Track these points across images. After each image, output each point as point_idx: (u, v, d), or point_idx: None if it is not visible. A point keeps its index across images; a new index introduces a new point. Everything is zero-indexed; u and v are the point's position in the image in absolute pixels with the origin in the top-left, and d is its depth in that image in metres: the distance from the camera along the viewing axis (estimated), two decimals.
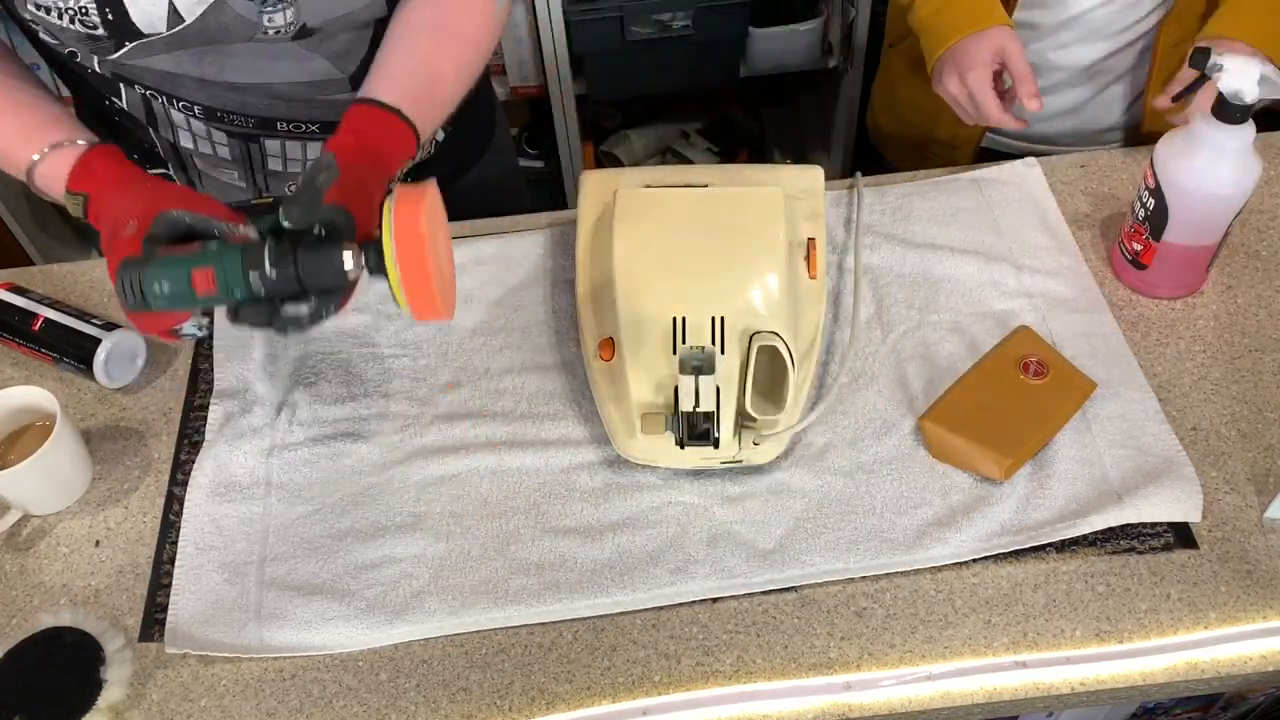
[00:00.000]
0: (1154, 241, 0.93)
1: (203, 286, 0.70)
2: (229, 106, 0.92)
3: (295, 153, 0.99)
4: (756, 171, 1.00)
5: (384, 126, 0.80)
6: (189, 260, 0.71)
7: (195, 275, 0.70)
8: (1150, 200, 0.92)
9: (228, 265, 0.70)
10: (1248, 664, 0.75)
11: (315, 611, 0.79)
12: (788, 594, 0.80)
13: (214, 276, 0.70)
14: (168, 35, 0.82)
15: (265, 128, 0.95)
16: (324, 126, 0.97)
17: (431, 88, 0.85)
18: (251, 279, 0.71)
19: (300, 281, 0.71)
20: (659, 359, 0.83)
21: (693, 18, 1.80)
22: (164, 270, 0.71)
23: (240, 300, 0.72)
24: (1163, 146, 0.91)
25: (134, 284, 0.70)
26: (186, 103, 0.91)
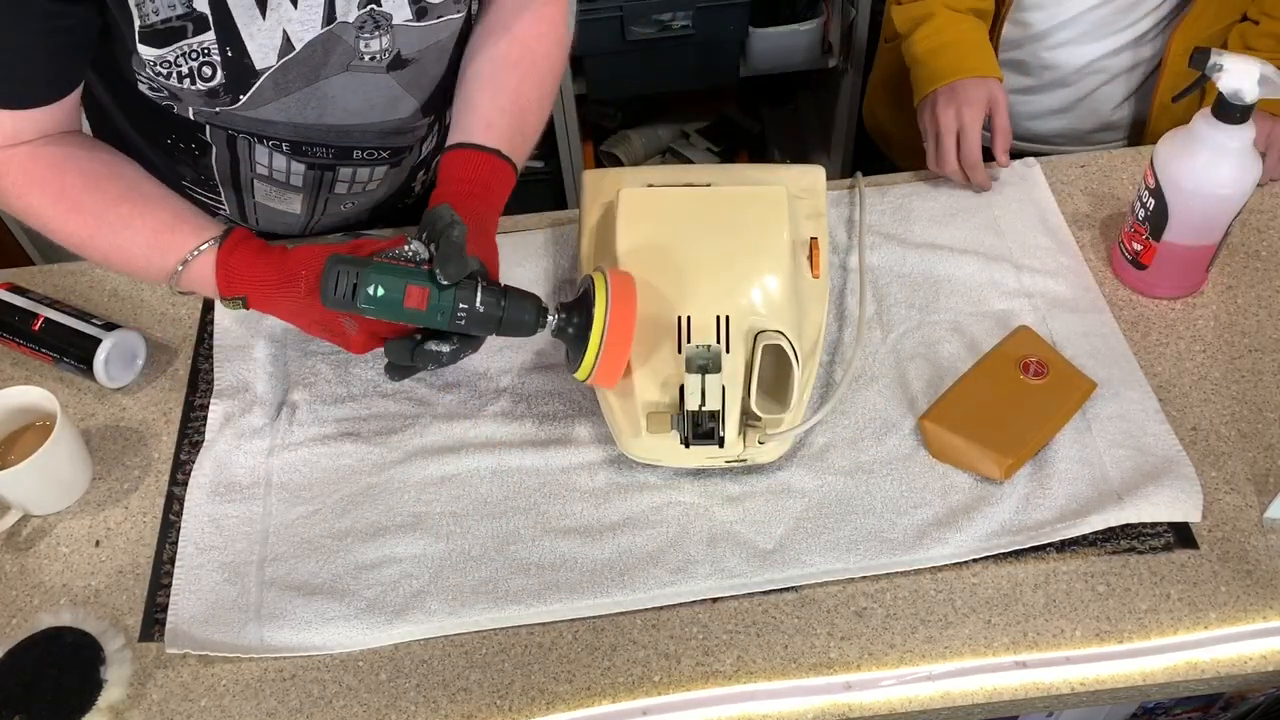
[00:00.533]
0: (1154, 241, 0.93)
1: (413, 301, 0.74)
2: (313, 141, 0.94)
3: (362, 176, 1.01)
4: (758, 171, 1.00)
5: (489, 169, 0.86)
6: (408, 274, 0.75)
7: (410, 288, 0.74)
8: (1150, 200, 0.92)
9: (443, 291, 0.75)
10: (1248, 664, 0.75)
11: (315, 611, 0.79)
12: (788, 594, 0.80)
13: (427, 295, 0.74)
14: (276, 71, 0.83)
15: (342, 157, 0.97)
16: (394, 152, 1.00)
17: (521, 123, 0.90)
18: (459, 309, 0.75)
19: (499, 322, 0.77)
20: (664, 358, 0.83)
21: (693, 18, 1.80)
22: (383, 276, 0.74)
23: (437, 324, 0.76)
24: (1163, 146, 0.91)
25: (348, 280, 0.74)
26: (275, 140, 0.92)
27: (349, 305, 0.75)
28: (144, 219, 0.82)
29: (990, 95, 1.05)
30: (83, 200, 0.82)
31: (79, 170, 0.82)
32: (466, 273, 0.76)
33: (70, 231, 0.83)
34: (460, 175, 0.85)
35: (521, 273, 1.03)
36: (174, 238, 0.82)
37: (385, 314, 0.75)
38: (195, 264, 0.81)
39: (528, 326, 0.79)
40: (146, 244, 0.82)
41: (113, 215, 0.82)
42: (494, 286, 0.78)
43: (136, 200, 0.83)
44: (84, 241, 0.83)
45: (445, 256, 0.75)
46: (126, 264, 0.84)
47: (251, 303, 0.82)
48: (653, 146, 2.19)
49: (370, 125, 0.94)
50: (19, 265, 1.10)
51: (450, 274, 0.75)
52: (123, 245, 0.82)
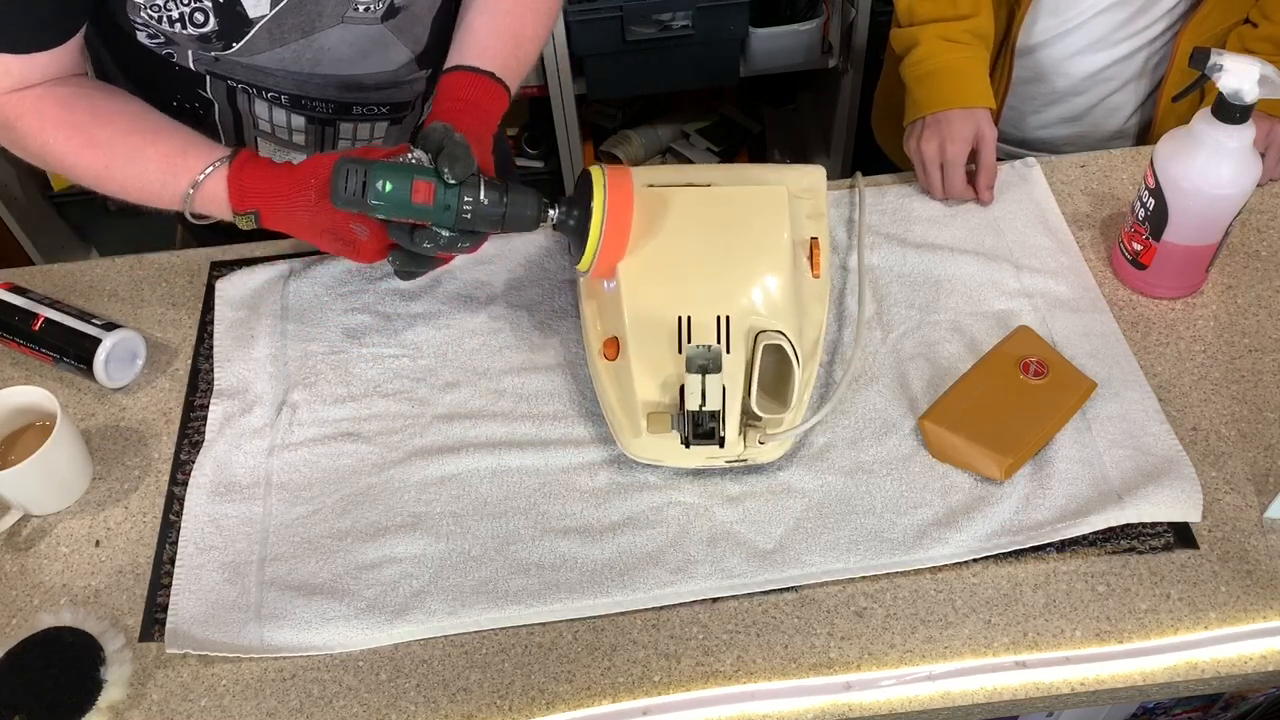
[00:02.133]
0: (1154, 241, 0.93)
1: (420, 196, 0.78)
2: (313, 94, 0.95)
3: (364, 133, 1.02)
4: (759, 170, 1.00)
5: (482, 90, 0.88)
6: (413, 169, 0.78)
7: (417, 184, 0.77)
8: (1150, 200, 0.92)
9: (448, 188, 0.78)
10: (1248, 664, 0.75)
11: (315, 611, 0.79)
12: (788, 594, 0.80)
13: (433, 190, 0.77)
14: (270, 21, 0.85)
15: (342, 112, 0.98)
16: (394, 108, 1.02)
17: (516, 48, 0.92)
18: (464, 202, 0.78)
19: (503, 217, 0.80)
20: (664, 358, 0.83)
21: (693, 18, 1.80)
22: (390, 172, 0.77)
23: (443, 219, 0.79)
24: (1163, 146, 0.91)
25: (356, 178, 0.76)
26: (274, 93, 0.94)
27: (359, 203, 0.77)
28: (155, 147, 0.84)
29: (977, 129, 1.05)
30: (95, 135, 0.84)
31: (89, 107, 0.84)
32: (472, 170, 0.79)
33: (86, 164, 0.84)
34: (454, 95, 0.88)
35: (522, 272, 1.03)
36: (185, 161, 0.83)
37: (394, 210, 0.78)
38: (207, 183, 0.83)
39: (530, 220, 0.82)
40: (159, 170, 0.84)
41: (124, 146, 0.84)
42: (495, 182, 0.81)
43: (146, 131, 0.85)
44: (100, 173, 0.85)
45: (451, 155, 0.78)
46: (142, 191, 0.85)
47: (264, 216, 0.83)
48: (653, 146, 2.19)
49: (366, 76, 0.95)
50: (19, 265, 1.10)
51: (457, 172, 0.78)
52: (137, 174, 0.84)
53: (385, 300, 1.01)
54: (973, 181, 1.05)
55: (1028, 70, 1.19)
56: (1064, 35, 1.14)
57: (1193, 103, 1.13)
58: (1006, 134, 1.27)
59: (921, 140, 1.06)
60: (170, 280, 1.06)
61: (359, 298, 1.01)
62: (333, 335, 0.98)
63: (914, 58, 1.11)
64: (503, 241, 1.05)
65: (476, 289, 1.02)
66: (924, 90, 1.09)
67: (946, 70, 1.08)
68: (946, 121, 1.06)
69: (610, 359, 0.86)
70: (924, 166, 1.06)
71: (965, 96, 1.07)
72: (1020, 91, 1.22)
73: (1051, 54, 1.17)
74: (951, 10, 1.10)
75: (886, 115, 1.37)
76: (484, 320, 0.99)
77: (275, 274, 1.03)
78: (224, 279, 1.03)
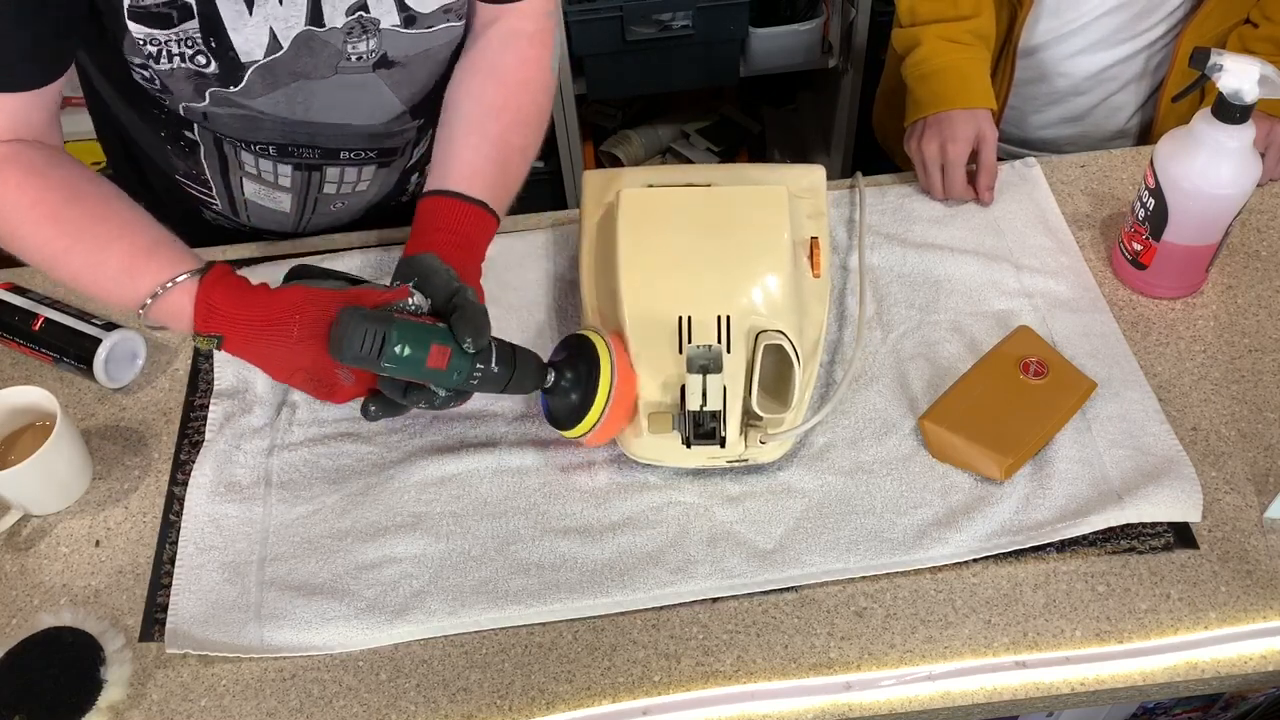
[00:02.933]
0: (1154, 241, 0.93)
1: (434, 361, 0.74)
2: (299, 143, 0.93)
3: (350, 177, 1.01)
4: (758, 170, 1.00)
5: (473, 221, 0.85)
6: (431, 332, 0.74)
7: (434, 349, 0.74)
8: (1150, 200, 0.92)
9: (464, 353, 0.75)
10: (1248, 664, 0.75)
11: (315, 611, 0.79)
12: (788, 594, 0.80)
13: (449, 356, 0.75)
14: (263, 67, 0.83)
15: (329, 158, 0.97)
16: (382, 153, 1.00)
17: (504, 172, 0.89)
18: (475, 369, 0.76)
19: (508, 382, 0.79)
20: (665, 358, 0.83)
21: (693, 18, 1.80)
22: (410, 334, 0.73)
23: (448, 383, 0.77)
24: (1163, 146, 0.91)
25: (374, 338, 0.72)
26: (262, 145, 0.92)
27: (371, 362, 0.72)
28: (122, 241, 0.78)
29: (978, 130, 1.04)
30: (62, 212, 0.78)
31: (62, 181, 0.79)
32: (488, 339, 0.76)
33: (43, 241, 0.78)
34: (446, 225, 0.84)
35: (522, 274, 1.03)
36: (150, 263, 0.77)
37: (403, 372, 0.74)
38: (172, 293, 0.77)
39: (531, 388, 0.81)
40: (120, 267, 0.78)
41: (90, 233, 0.78)
42: (506, 350, 0.79)
43: (115, 221, 0.79)
44: (56, 254, 0.78)
45: (475, 326, 0.74)
46: (95, 284, 0.79)
47: (229, 342, 0.77)
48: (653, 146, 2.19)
49: (358, 126, 0.94)
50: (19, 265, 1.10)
51: (479, 343, 0.75)
52: (97, 265, 0.78)
53: None
54: (973, 182, 1.05)
55: (1030, 70, 1.19)
56: (1066, 36, 1.14)
57: (1193, 103, 1.13)
58: (1008, 134, 1.27)
59: (923, 140, 1.06)
60: None
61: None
62: None
63: (916, 58, 1.11)
64: (503, 242, 1.05)
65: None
66: (925, 90, 1.09)
67: (948, 71, 1.08)
68: (948, 122, 1.06)
69: None
70: (924, 167, 1.06)
71: (967, 97, 1.07)
72: (1022, 91, 1.22)
73: (1053, 54, 1.17)
74: (953, 11, 1.10)
75: (888, 113, 1.38)
76: None
77: (276, 274, 1.03)
78: None
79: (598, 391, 0.80)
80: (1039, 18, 1.14)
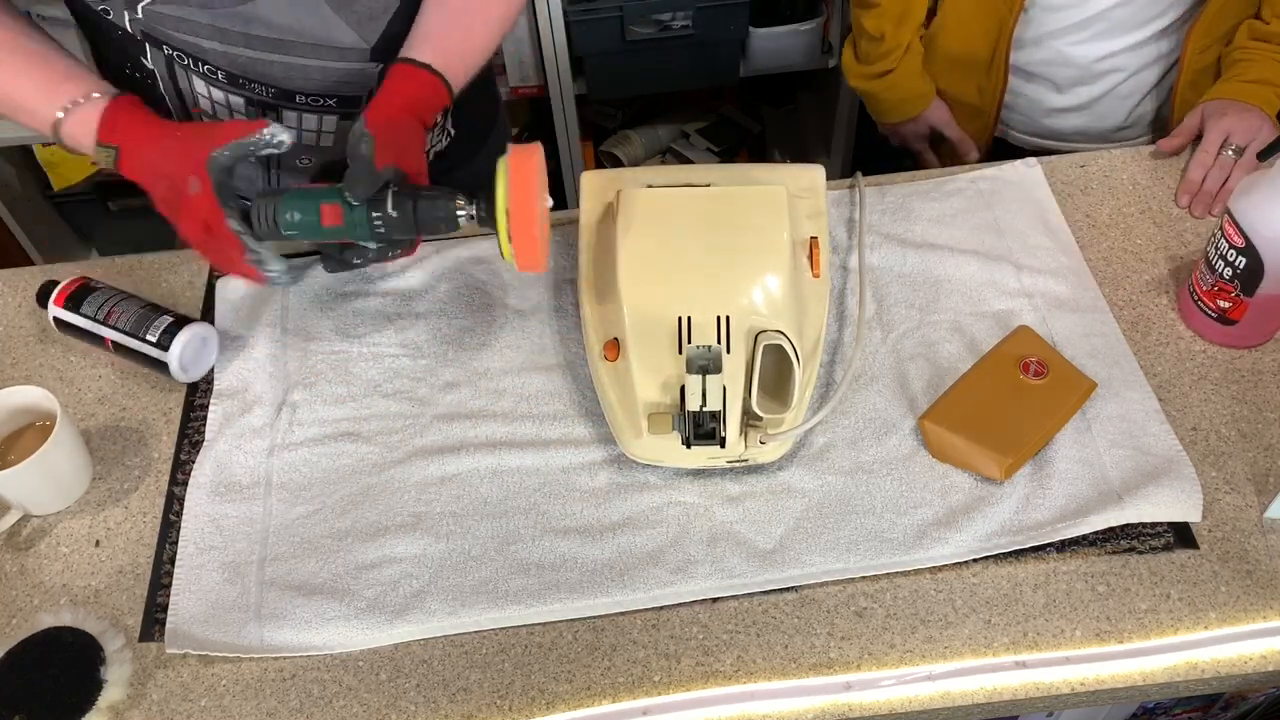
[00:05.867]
0: (1246, 298, 0.88)
1: (329, 219, 0.80)
2: (250, 74, 0.94)
3: (311, 124, 1.01)
4: (758, 170, 1.00)
5: (419, 83, 0.87)
6: (319, 194, 0.80)
7: (324, 208, 0.79)
8: (1239, 259, 0.87)
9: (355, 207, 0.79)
10: (1248, 664, 0.75)
11: (315, 611, 0.79)
12: (788, 594, 0.80)
13: (341, 211, 0.79)
14: None
15: (284, 99, 0.97)
16: (341, 100, 0.99)
17: (462, 42, 0.90)
18: (374, 218, 0.79)
19: (415, 224, 0.80)
20: (665, 359, 0.83)
21: (693, 18, 1.80)
22: (297, 201, 0.80)
23: (360, 235, 0.80)
24: (1242, 203, 0.86)
25: (268, 212, 0.80)
26: (210, 66, 0.92)
27: (275, 234, 0.80)
28: (42, 69, 0.84)
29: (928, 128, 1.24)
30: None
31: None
32: (374, 190, 0.79)
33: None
34: (390, 86, 0.86)
35: (521, 274, 1.03)
36: (67, 86, 0.83)
37: (309, 235, 0.80)
38: (84, 109, 0.82)
39: (444, 222, 0.81)
40: (38, 88, 0.83)
41: (10, 62, 0.84)
42: (404, 191, 0.80)
43: (36, 53, 0.85)
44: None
45: (353, 177, 0.78)
46: (16, 107, 0.85)
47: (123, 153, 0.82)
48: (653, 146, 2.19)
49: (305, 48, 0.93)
50: (19, 265, 1.10)
51: (358, 193, 0.79)
52: (15, 88, 0.84)
53: (386, 300, 1.01)
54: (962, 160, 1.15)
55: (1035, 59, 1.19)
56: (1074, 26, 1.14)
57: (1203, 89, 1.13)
58: (1014, 124, 1.28)
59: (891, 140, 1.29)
60: (170, 280, 1.05)
61: (359, 298, 1.01)
62: (332, 335, 0.98)
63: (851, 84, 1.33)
64: None
65: (477, 289, 1.02)
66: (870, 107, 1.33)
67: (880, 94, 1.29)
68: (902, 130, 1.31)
69: (611, 360, 0.86)
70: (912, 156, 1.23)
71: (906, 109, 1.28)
72: (1026, 81, 1.22)
73: (1060, 43, 1.17)
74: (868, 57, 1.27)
75: None
76: (484, 320, 0.99)
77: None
78: (224, 279, 1.03)
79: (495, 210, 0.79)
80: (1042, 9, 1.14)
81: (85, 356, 0.99)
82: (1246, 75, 1.08)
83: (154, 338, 0.92)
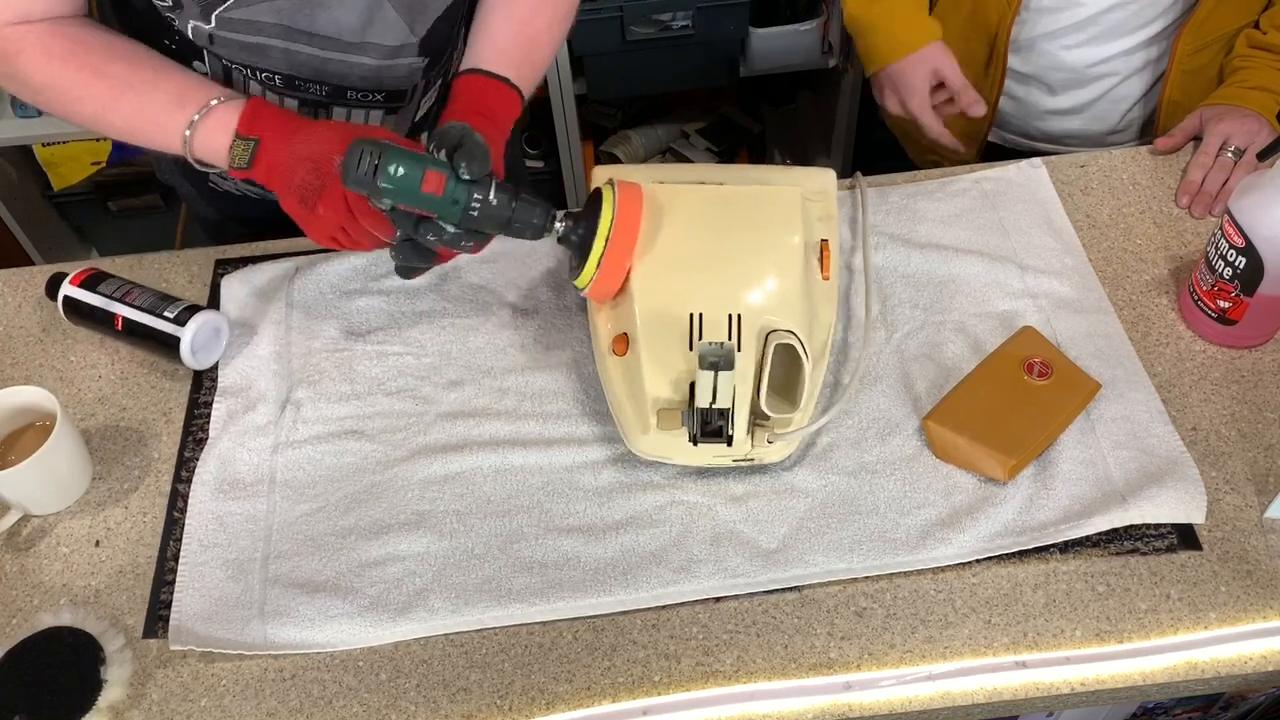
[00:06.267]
0: (1246, 297, 0.88)
1: (430, 186, 0.77)
2: (306, 74, 0.94)
3: (359, 119, 1.01)
4: (769, 172, 1.00)
5: (496, 95, 0.89)
6: (427, 159, 0.77)
7: (429, 173, 0.77)
8: (1239, 259, 0.87)
9: (459, 183, 0.78)
10: (1248, 664, 0.75)
11: (319, 609, 0.79)
12: (788, 594, 0.80)
13: (444, 182, 0.77)
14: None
15: (337, 96, 0.97)
16: (389, 95, 1.00)
17: (531, 52, 0.92)
18: (474, 199, 0.78)
19: (508, 221, 0.80)
20: (675, 355, 0.83)
21: (693, 18, 1.80)
22: (404, 158, 0.76)
23: (450, 214, 0.79)
24: (1243, 203, 0.86)
25: (371, 158, 0.76)
26: (268, 73, 0.93)
27: (369, 184, 0.76)
28: (170, 81, 0.83)
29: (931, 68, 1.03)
30: (107, 68, 0.83)
31: (102, 45, 0.84)
32: (488, 170, 0.78)
33: (94, 95, 0.83)
34: (468, 98, 0.88)
35: (525, 271, 1.03)
36: (199, 93, 0.83)
37: (401, 196, 0.77)
38: (218, 109, 0.82)
39: (535, 228, 0.81)
40: (169, 100, 0.83)
41: (138, 79, 0.83)
42: (507, 186, 0.80)
43: (160, 68, 0.84)
44: (106, 105, 0.83)
45: (469, 152, 0.77)
46: (147, 122, 0.84)
47: (264, 145, 0.82)
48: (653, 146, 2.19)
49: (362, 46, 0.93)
50: (19, 265, 1.10)
51: (473, 169, 0.77)
52: (145, 105, 0.83)
53: (389, 298, 1.01)
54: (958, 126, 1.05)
55: (1029, 63, 1.19)
56: (1068, 29, 1.15)
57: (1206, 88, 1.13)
58: (1009, 125, 1.28)
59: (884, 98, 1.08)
60: (170, 280, 1.05)
61: (363, 296, 1.01)
62: (336, 333, 0.98)
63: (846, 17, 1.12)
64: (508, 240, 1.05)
65: (481, 287, 1.02)
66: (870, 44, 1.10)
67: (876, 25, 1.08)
68: (898, 74, 1.07)
69: (619, 355, 0.86)
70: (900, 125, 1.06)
71: (908, 43, 1.07)
72: (1020, 84, 1.22)
73: (1053, 46, 1.17)
74: None
75: None
76: (488, 318, 0.99)
77: (280, 272, 1.03)
78: (229, 276, 1.03)
79: (595, 238, 0.81)
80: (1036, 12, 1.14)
81: (85, 357, 0.99)
82: (1246, 82, 1.09)
83: (172, 314, 0.93)
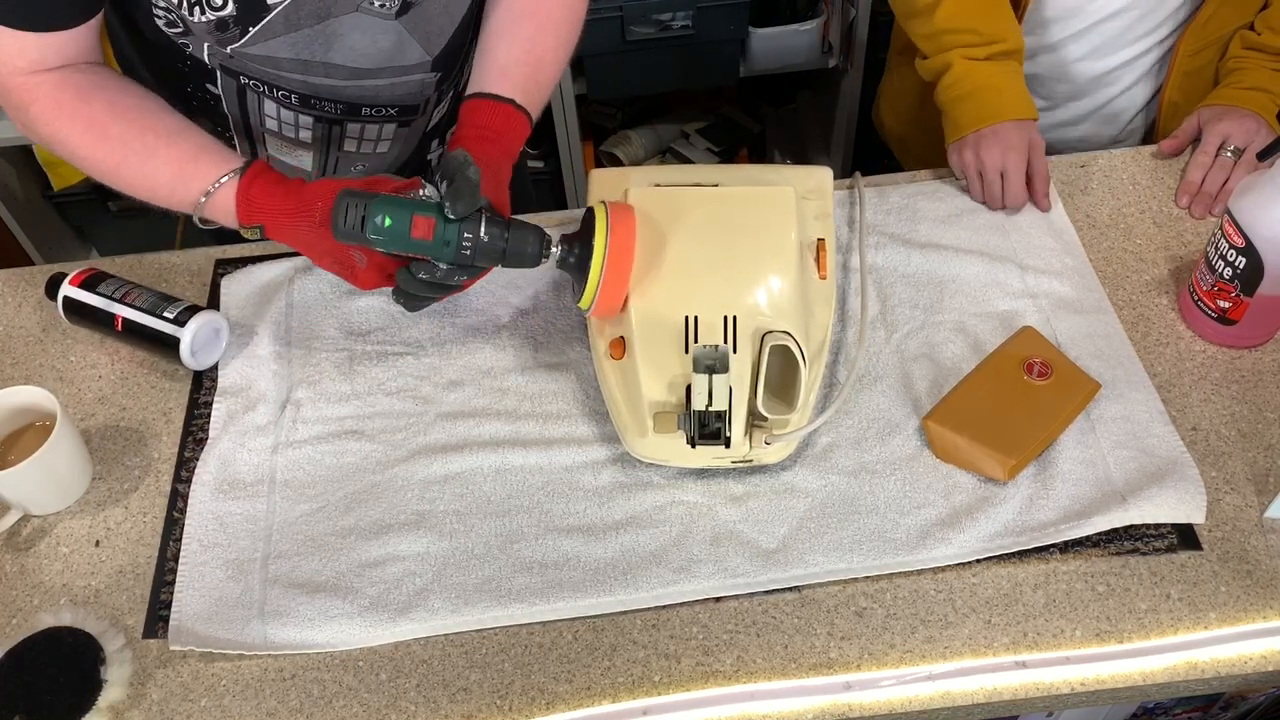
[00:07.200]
0: (1246, 297, 0.88)
1: (419, 232, 0.78)
2: (322, 94, 0.95)
3: (371, 134, 1.02)
4: (765, 171, 1.00)
5: (503, 118, 0.89)
6: (414, 205, 0.78)
7: (416, 219, 0.77)
8: (1239, 259, 0.87)
9: (449, 223, 0.78)
10: (1248, 664, 0.75)
11: (319, 609, 0.79)
12: (788, 594, 0.80)
13: (433, 226, 0.77)
14: (289, 6, 0.85)
15: (351, 114, 0.98)
16: (402, 110, 1.01)
17: (536, 73, 0.92)
18: (464, 239, 0.78)
19: (503, 253, 0.80)
20: (671, 358, 0.83)
21: (693, 18, 1.80)
22: (390, 207, 0.77)
23: (444, 255, 0.79)
24: (1242, 202, 0.86)
25: (356, 211, 0.77)
26: (285, 91, 0.93)
27: (358, 236, 0.78)
28: (169, 149, 0.84)
29: (1030, 139, 1.05)
30: (109, 130, 0.84)
31: (106, 101, 0.84)
32: (475, 207, 0.79)
33: (98, 159, 0.85)
34: (475, 121, 0.88)
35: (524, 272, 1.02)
36: (197, 169, 0.84)
37: (393, 244, 0.78)
38: (217, 195, 0.83)
39: (530, 257, 0.82)
40: (171, 175, 0.84)
41: (139, 144, 0.84)
42: (498, 219, 0.81)
43: (161, 131, 0.85)
44: (111, 169, 0.85)
45: (456, 192, 0.78)
46: (151, 192, 0.86)
47: (269, 231, 0.84)
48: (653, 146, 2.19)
49: (378, 70, 0.94)
50: (19, 265, 1.10)
51: (459, 210, 0.78)
52: (148, 174, 0.85)
53: (389, 298, 1.01)
54: None
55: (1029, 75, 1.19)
56: (1067, 41, 1.14)
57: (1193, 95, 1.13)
58: None
59: (981, 151, 1.05)
60: (170, 280, 1.05)
61: (363, 296, 1.01)
62: (336, 333, 0.98)
63: (948, 81, 1.10)
64: None
65: (481, 288, 1.01)
66: (965, 110, 1.08)
67: (987, 89, 1.08)
68: (1004, 132, 1.05)
69: (616, 358, 0.86)
70: (984, 176, 1.05)
71: (1014, 110, 1.06)
72: None
73: (1054, 59, 1.17)
74: (977, 38, 1.09)
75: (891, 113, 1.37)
76: (488, 319, 0.99)
77: (280, 272, 1.03)
78: (229, 276, 1.03)
79: (591, 260, 0.81)
80: (1038, 24, 1.14)
81: (85, 357, 0.99)
82: (1242, 83, 1.09)
83: (172, 315, 0.94)
